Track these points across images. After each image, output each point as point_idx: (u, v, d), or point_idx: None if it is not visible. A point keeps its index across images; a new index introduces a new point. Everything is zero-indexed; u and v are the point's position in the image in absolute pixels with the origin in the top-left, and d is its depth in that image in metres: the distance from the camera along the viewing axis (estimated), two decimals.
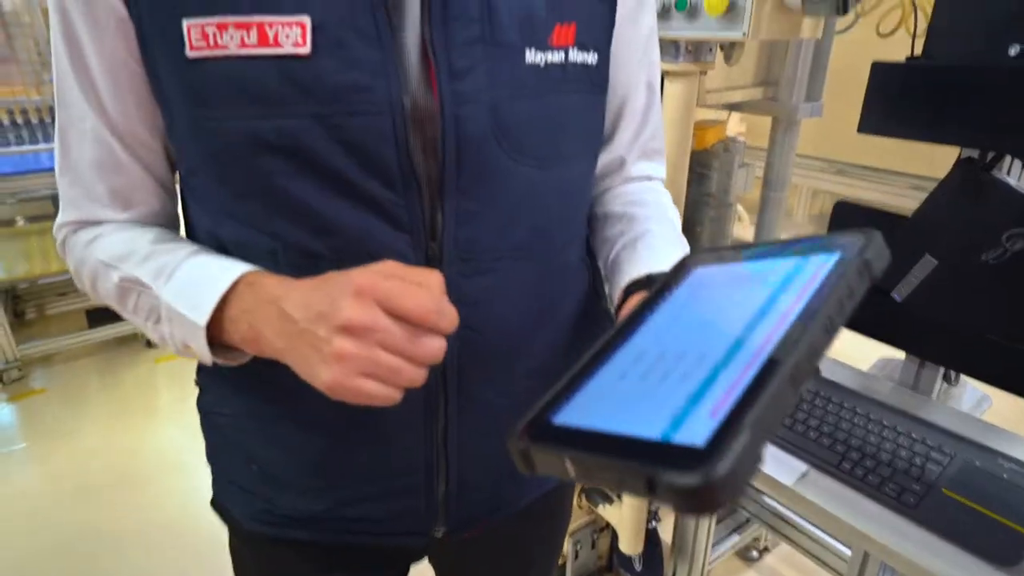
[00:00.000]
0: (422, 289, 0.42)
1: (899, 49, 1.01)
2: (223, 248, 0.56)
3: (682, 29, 1.11)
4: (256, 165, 0.51)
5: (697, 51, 1.16)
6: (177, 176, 0.60)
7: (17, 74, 2.67)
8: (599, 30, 0.61)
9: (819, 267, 0.32)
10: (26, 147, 2.69)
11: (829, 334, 0.28)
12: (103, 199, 0.58)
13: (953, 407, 1.11)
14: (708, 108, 1.46)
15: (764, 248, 0.39)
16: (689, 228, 1.53)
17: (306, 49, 0.48)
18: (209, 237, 0.58)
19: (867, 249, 0.32)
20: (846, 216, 1.20)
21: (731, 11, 1.03)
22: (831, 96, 1.51)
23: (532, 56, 0.54)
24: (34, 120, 2.75)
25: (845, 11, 0.94)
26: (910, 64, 0.96)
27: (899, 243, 0.99)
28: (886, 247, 0.32)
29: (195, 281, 0.52)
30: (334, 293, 0.42)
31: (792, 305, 0.30)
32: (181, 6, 0.48)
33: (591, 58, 0.59)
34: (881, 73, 0.98)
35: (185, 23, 0.47)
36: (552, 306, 0.66)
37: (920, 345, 1.13)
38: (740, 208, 2.06)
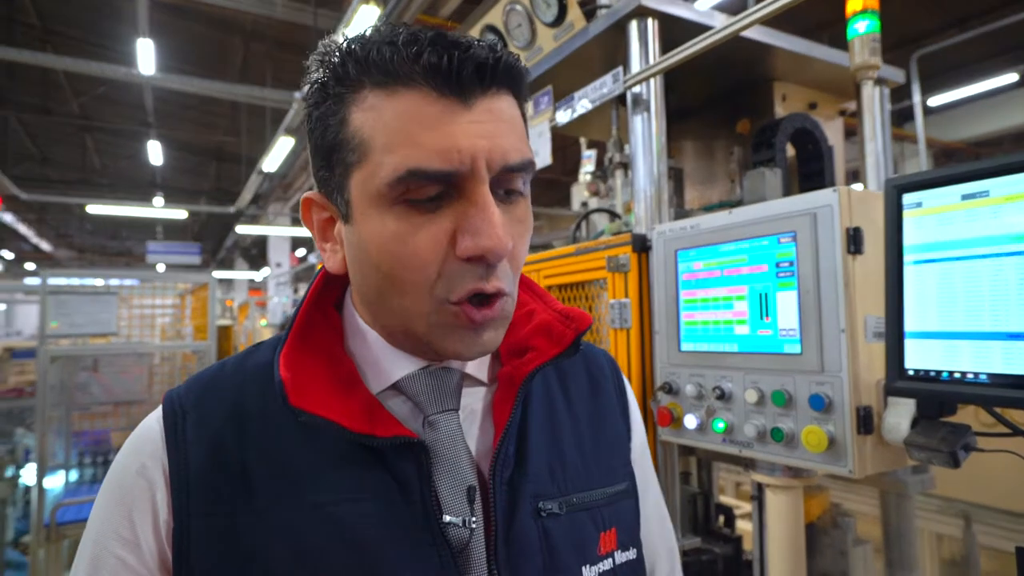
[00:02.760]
0: None
1: None
2: None
3: (780, 455, 1.12)
4: None
5: (799, 469, 1.16)
6: None
7: (147, 414, 3.00)
8: (633, 526, 0.65)
9: None
10: None
11: None
12: None
13: None
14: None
15: None
16: None
17: None
18: None
19: None
20: None
21: (832, 448, 1.04)
22: None
23: (588, 572, 0.58)
24: None
25: (957, 464, 0.93)
26: None
27: None
28: None
29: None
30: None
31: None
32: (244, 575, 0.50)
33: (632, 554, 0.63)
34: None
35: None
36: None
37: None
38: None
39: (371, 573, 0.51)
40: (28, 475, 3.94)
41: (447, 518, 0.53)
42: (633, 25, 1.52)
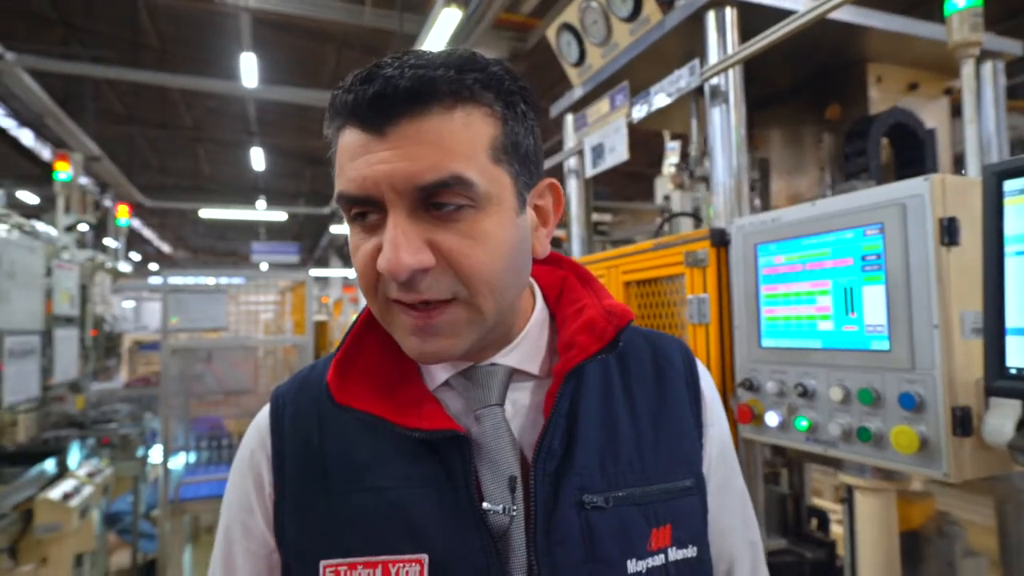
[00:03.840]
0: None
1: None
2: None
3: (867, 455, 1.08)
4: None
5: (890, 472, 1.11)
6: None
7: (254, 403, 3.25)
8: (695, 524, 0.64)
9: None
10: None
11: None
12: None
13: None
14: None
15: None
16: None
17: None
18: None
19: None
20: None
21: (924, 449, 0.99)
22: None
23: (633, 566, 0.58)
24: None
25: None
26: None
27: None
28: None
29: None
30: None
31: None
32: (320, 549, 0.58)
33: (691, 552, 0.62)
34: None
35: (322, 564, 0.57)
36: None
37: None
38: None
39: (423, 550, 0.57)
40: (155, 455, 4.37)
41: (486, 505, 0.57)
42: (710, 15, 1.49)
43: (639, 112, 1.74)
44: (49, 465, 3.46)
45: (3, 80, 5.77)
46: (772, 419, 1.22)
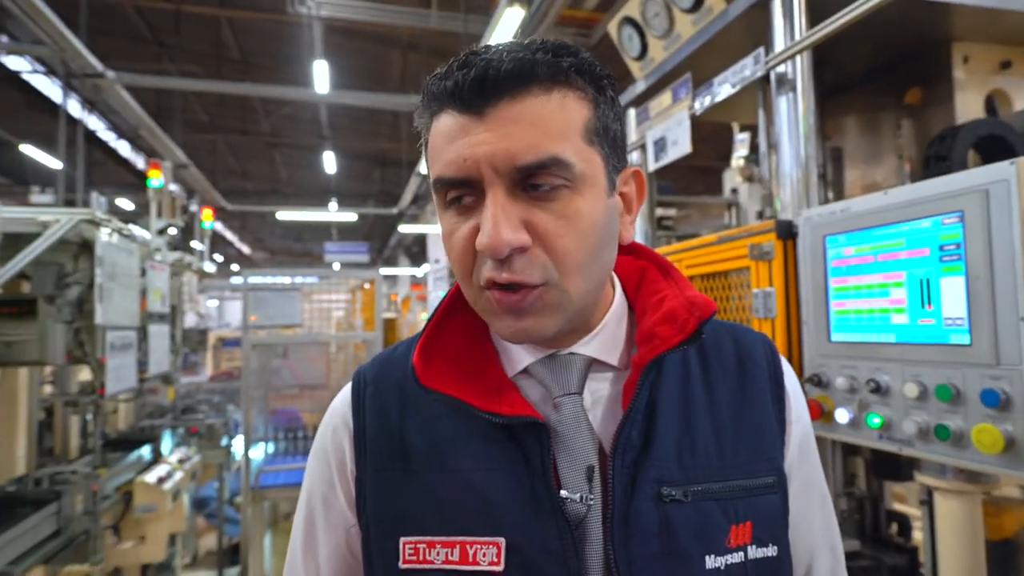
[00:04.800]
0: None
1: None
2: None
3: (946, 455, 1.03)
4: None
5: (974, 473, 1.05)
6: None
7: (326, 398, 3.39)
8: (775, 522, 0.62)
9: None
10: None
11: None
12: None
13: None
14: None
15: None
16: None
17: (500, 567, 0.56)
18: None
19: None
20: None
21: (1011, 449, 0.94)
22: None
23: (712, 562, 0.57)
24: None
25: None
26: None
27: None
28: None
29: None
30: None
31: None
32: (400, 526, 0.60)
33: (771, 551, 0.60)
34: None
35: (402, 540, 0.59)
36: None
37: None
38: None
39: (500, 533, 0.58)
40: (238, 445, 4.63)
41: (563, 493, 0.58)
42: (776, 1, 1.45)
43: (702, 104, 1.71)
44: (145, 451, 3.74)
45: (104, 97, 6.25)
46: (842, 416, 1.18)
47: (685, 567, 0.57)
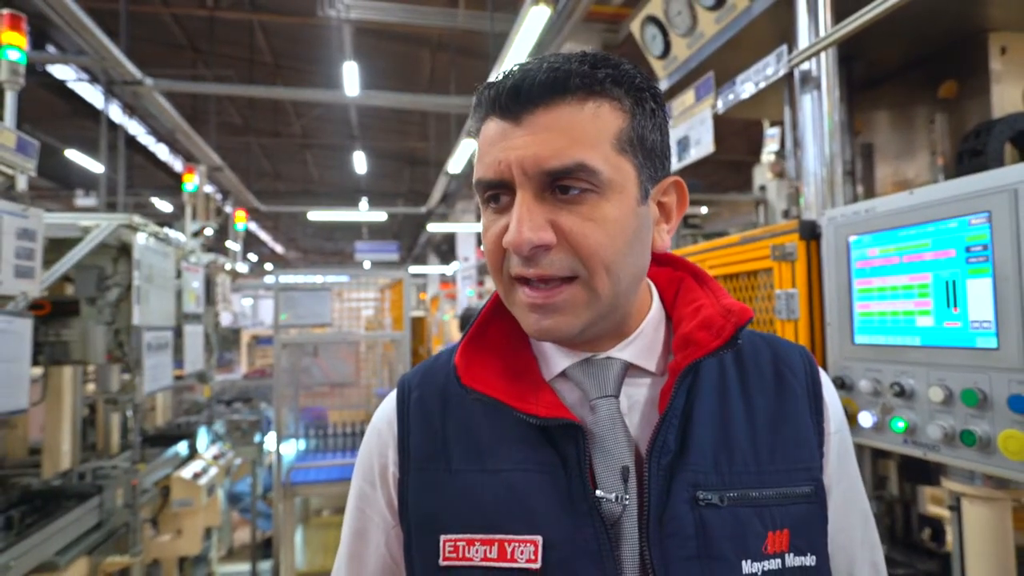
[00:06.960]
0: None
1: None
2: None
3: (972, 460, 1.00)
4: None
5: (1004, 479, 1.02)
6: None
7: (355, 396, 3.45)
8: (814, 532, 0.61)
9: None
10: (350, 458, 3.31)
11: None
12: None
13: None
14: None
15: None
16: None
17: (537, 565, 0.57)
18: None
19: None
20: None
21: None
22: None
23: (748, 567, 0.57)
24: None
25: None
26: None
27: None
28: None
29: None
30: None
31: None
32: (440, 524, 0.62)
33: (809, 560, 0.60)
34: None
35: (442, 538, 0.61)
36: None
37: None
38: None
39: (537, 531, 0.59)
40: (270, 442, 4.74)
41: (599, 493, 0.59)
42: None
43: (725, 103, 1.69)
44: (182, 447, 3.85)
45: (143, 102, 6.44)
46: (866, 419, 1.16)
47: (722, 571, 0.57)
